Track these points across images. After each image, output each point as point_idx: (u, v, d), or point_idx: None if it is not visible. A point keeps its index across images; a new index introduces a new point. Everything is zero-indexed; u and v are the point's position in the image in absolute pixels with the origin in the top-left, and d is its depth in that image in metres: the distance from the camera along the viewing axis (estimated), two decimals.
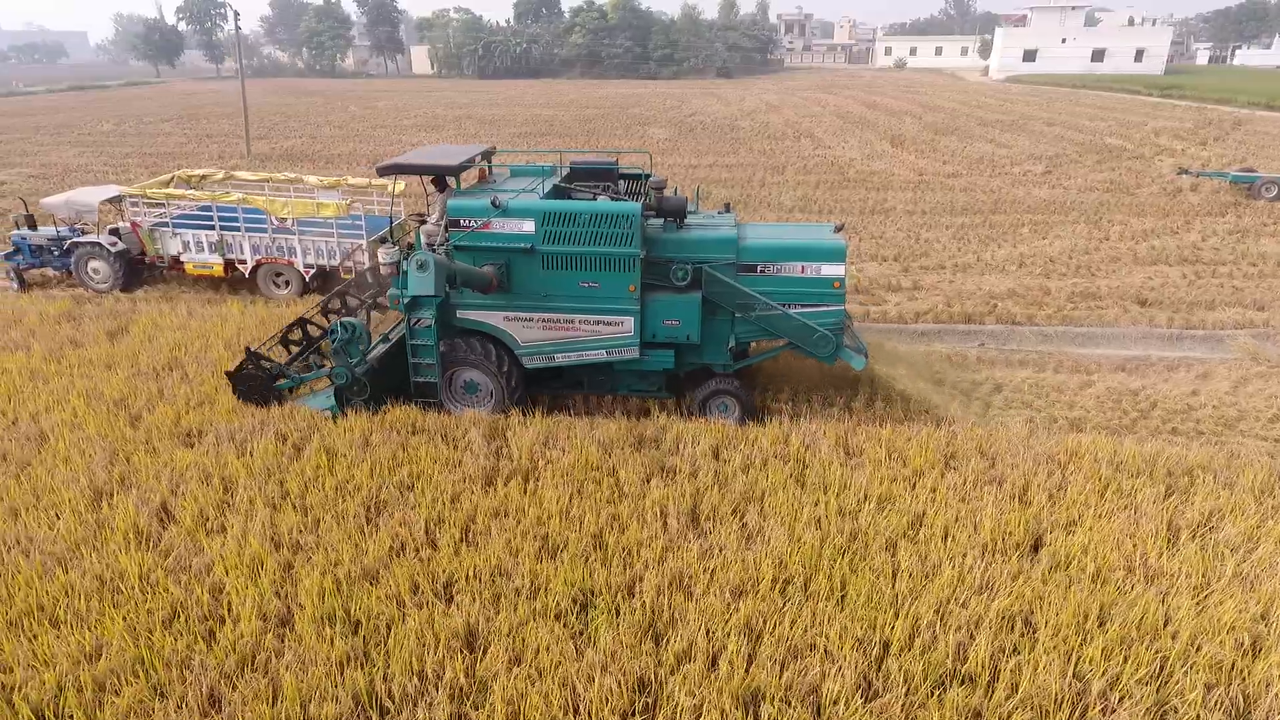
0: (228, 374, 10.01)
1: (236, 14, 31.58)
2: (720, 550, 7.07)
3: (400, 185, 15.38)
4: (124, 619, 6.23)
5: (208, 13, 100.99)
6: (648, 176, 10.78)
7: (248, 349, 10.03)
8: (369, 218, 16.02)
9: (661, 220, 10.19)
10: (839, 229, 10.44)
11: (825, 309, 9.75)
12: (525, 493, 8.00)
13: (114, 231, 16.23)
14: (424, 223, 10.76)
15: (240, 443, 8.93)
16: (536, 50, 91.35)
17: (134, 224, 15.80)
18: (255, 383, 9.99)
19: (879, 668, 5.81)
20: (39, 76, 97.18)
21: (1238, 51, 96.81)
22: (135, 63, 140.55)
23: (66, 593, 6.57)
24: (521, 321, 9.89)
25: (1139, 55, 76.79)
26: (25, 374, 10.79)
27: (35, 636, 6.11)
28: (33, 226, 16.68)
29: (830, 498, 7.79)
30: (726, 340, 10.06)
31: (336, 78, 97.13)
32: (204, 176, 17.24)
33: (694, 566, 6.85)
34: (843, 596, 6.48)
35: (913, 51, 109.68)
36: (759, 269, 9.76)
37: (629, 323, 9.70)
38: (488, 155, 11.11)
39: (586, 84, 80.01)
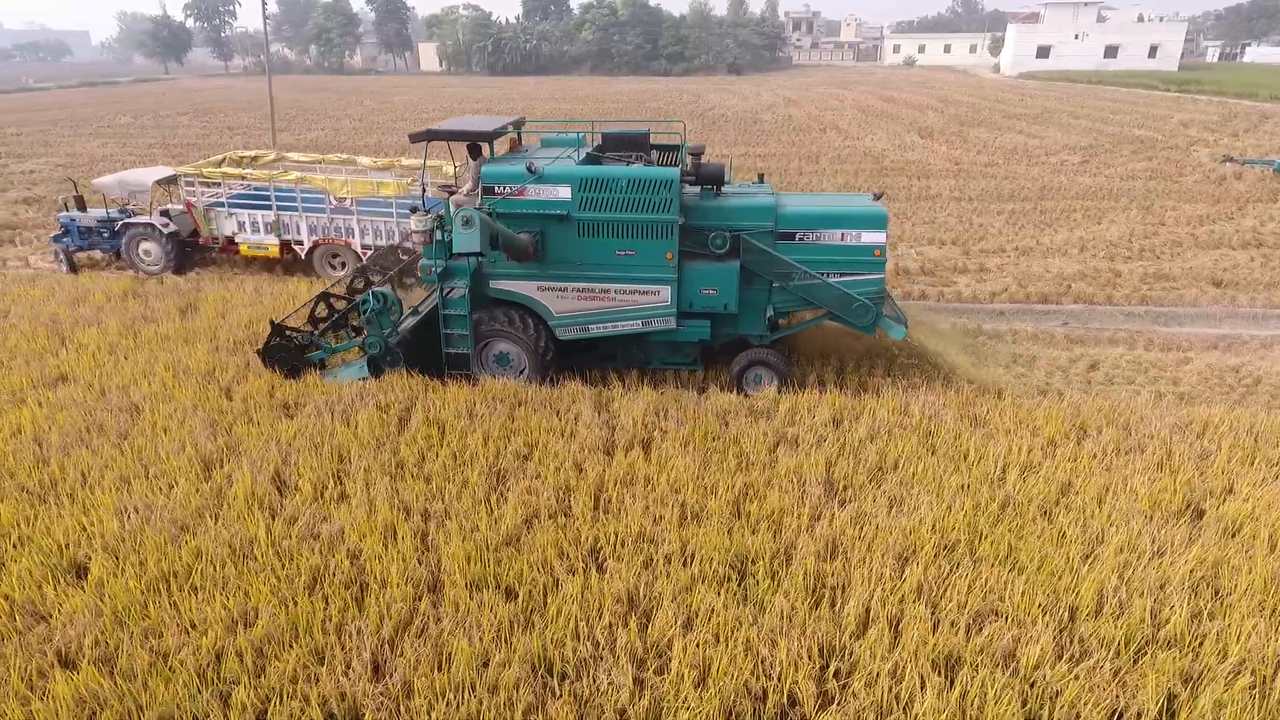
0: (258, 352, 9.83)
1: (265, 3, 31.26)
2: (869, 518, 6.80)
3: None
4: (266, 585, 5.95)
5: (216, 10, 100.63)
6: (680, 148, 10.46)
7: (272, 322, 9.85)
8: (427, 199, 15.73)
9: (699, 188, 9.93)
10: (878, 197, 10.17)
11: (865, 277, 9.48)
12: (650, 461, 7.72)
13: (164, 213, 15.94)
14: (453, 194, 10.52)
15: (342, 413, 8.65)
16: (546, 47, 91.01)
17: (189, 204, 15.50)
18: (287, 354, 9.81)
19: (1069, 633, 5.54)
20: (48, 73, 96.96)
21: (1248, 49, 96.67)
22: (140, 60, 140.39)
23: (198, 558, 6.30)
24: (555, 292, 9.64)
25: (1152, 51, 76.53)
26: (104, 349, 10.51)
27: (176, 604, 5.83)
28: (82, 208, 16.39)
29: (970, 466, 7.52)
30: (764, 310, 9.80)
31: (344, 74, 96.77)
32: (255, 157, 16.96)
33: (847, 533, 6.58)
34: (1013, 562, 6.20)
35: (921, 49, 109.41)
36: (798, 237, 9.50)
37: (666, 292, 9.44)
38: (519, 125, 10.91)
39: (598, 80, 79.63)
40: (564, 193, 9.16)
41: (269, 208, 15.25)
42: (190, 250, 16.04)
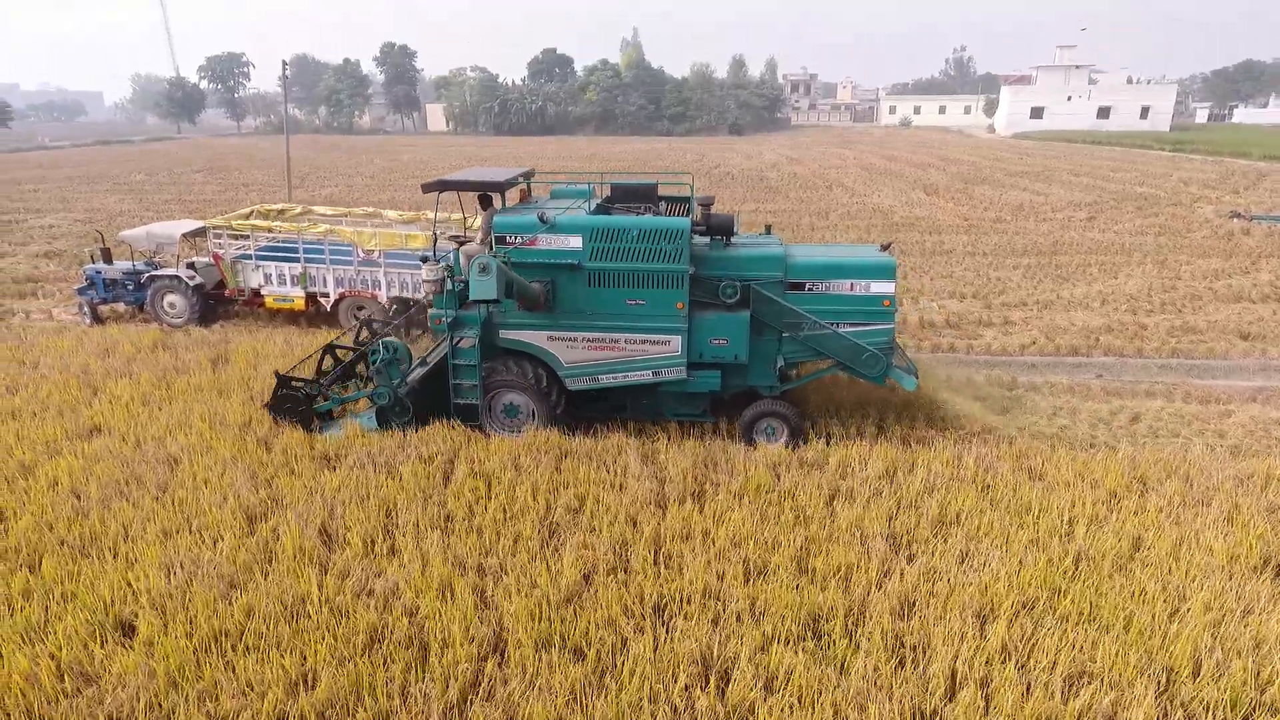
0: (266, 406, 9.72)
1: (285, 64, 32.00)
2: (940, 573, 6.59)
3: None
4: (324, 644, 5.70)
5: (230, 71, 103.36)
6: (689, 199, 10.56)
7: (277, 374, 9.78)
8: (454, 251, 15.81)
9: (708, 238, 9.99)
10: (886, 247, 10.20)
11: (875, 327, 9.44)
12: (705, 515, 7.53)
13: (190, 265, 15.99)
14: (463, 244, 10.57)
15: (384, 465, 8.48)
16: (551, 108, 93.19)
17: (216, 256, 15.57)
18: (295, 404, 9.70)
19: (1169, 696, 5.29)
20: (63, 132, 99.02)
21: (1235, 110, 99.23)
22: (152, 120, 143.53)
23: (249, 615, 6.06)
24: (565, 341, 9.57)
25: (1144, 113, 78.54)
26: (137, 400, 10.37)
27: (231, 664, 5.58)
28: (108, 260, 16.45)
29: (1034, 519, 7.34)
30: (774, 360, 9.74)
31: (354, 134, 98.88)
32: (282, 211, 17.10)
33: (920, 590, 6.36)
34: (1098, 621, 5.98)
35: (917, 110, 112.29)
36: (807, 287, 9.50)
37: (676, 341, 9.39)
38: (528, 177, 11.04)
39: (602, 140, 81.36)
40: (575, 242, 9.20)
41: (296, 260, 15.31)
42: (214, 303, 16.05)
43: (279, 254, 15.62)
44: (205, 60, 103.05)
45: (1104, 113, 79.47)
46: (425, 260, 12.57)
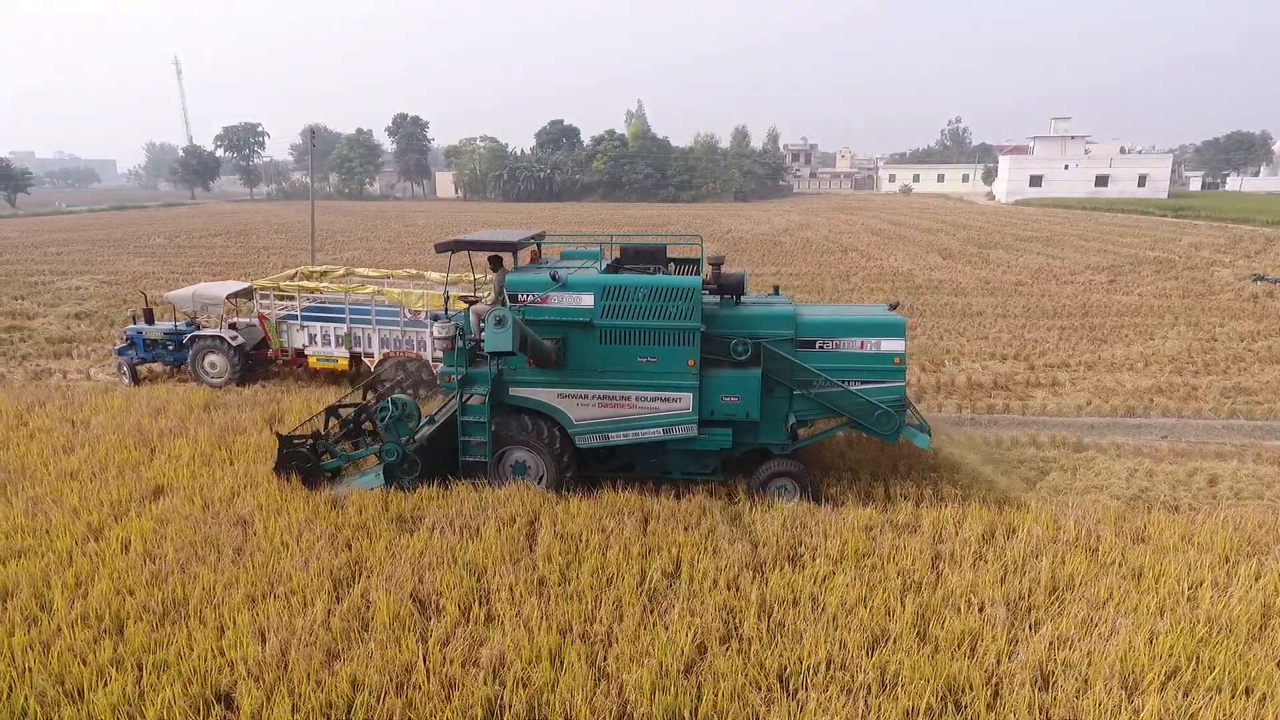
0: (275, 469, 9.57)
1: (313, 131, 32.78)
2: (1070, 642, 6.29)
3: None
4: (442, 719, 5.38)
5: (246, 140, 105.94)
6: (699, 260, 10.69)
7: (277, 435, 9.69)
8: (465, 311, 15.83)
9: (718, 297, 10.05)
10: (894, 306, 10.31)
11: (886, 385, 9.46)
12: (805, 578, 7.24)
13: (231, 325, 15.96)
14: (474, 304, 10.62)
15: (463, 527, 8.22)
16: (559, 175, 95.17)
17: (262, 316, 15.53)
18: (302, 462, 9.57)
19: None
20: (80, 198, 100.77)
21: (1227, 179, 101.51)
22: (164, 186, 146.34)
23: (355, 687, 5.74)
24: (576, 399, 9.53)
25: (1141, 180, 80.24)
26: (198, 459, 10.15)
27: None
28: (149, 320, 16.43)
29: (1151, 584, 7.07)
30: (785, 418, 9.69)
31: (364, 200, 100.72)
32: (325, 272, 17.17)
33: (1054, 659, 6.06)
34: (1255, 692, 5.67)
35: (916, 178, 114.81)
36: (818, 344, 9.58)
37: (687, 399, 9.34)
38: (539, 238, 11.18)
39: (610, 206, 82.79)
40: (587, 300, 9.24)
41: (342, 321, 15.27)
42: (253, 363, 15.95)
43: (324, 315, 15.59)
44: (222, 130, 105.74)
45: (1102, 181, 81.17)
46: (437, 319, 12.69)
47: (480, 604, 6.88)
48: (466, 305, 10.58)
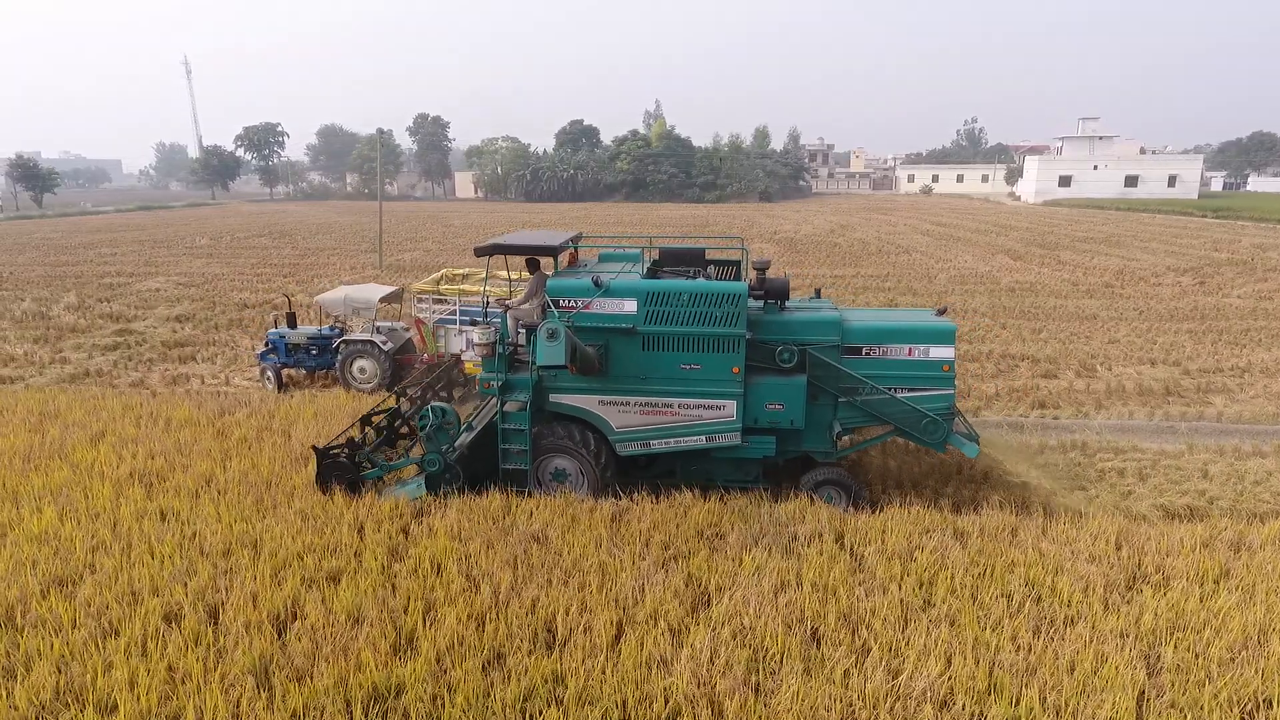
0: (315, 482, 9.27)
1: (381, 131, 32.37)
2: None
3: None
4: None
5: (266, 140, 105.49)
6: (737, 263, 10.45)
7: (314, 448, 9.40)
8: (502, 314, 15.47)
9: (761, 302, 9.81)
10: (942, 311, 10.13)
11: (935, 393, 9.26)
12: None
13: (377, 329, 15.57)
14: (509, 307, 10.40)
15: (771, 545, 7.84)
16: (582, 176, 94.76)
17: (419, 321, 15.15)
18: (343, 473, 9.30)
19: None
20: (100, 198, 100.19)
21: (1249, 178, 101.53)
22: (175, 186, 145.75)
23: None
24: (618, 406, 9.35)
25: (1171, 181, 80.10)
26: None
27: None
28: (292, 325, 16.05)
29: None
30: (830, 426, 9.50)
31: (385, 200, 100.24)
32: (466, 275, 16.78)
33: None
34: None
35: (935, 178, 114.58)
36: (864, 351, 9.37)
37: (731, 406, 9.15)
38: (577, 240, 10.94)
39: (635, 206, 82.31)
40: (630, 306, 9.06)
41: None
42: (403, 367, 15.56)
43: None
44: (242, 130, 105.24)
45: (1132, 181, 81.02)
46: (475, 323, 12.30)
47: (853, 632, 6.49)
48: (504, 308, 10.30)
